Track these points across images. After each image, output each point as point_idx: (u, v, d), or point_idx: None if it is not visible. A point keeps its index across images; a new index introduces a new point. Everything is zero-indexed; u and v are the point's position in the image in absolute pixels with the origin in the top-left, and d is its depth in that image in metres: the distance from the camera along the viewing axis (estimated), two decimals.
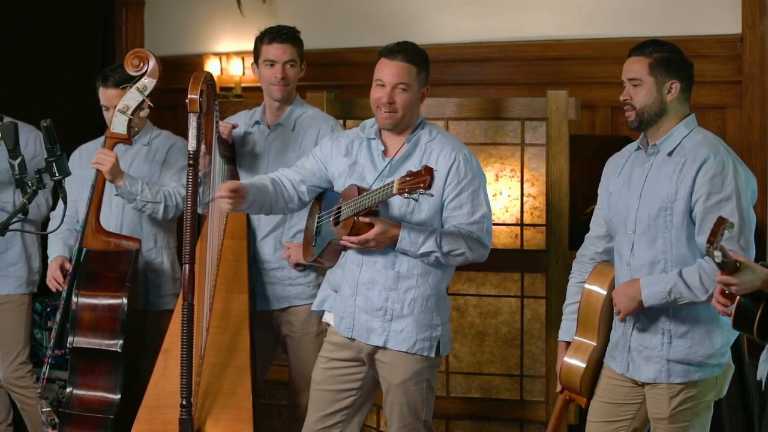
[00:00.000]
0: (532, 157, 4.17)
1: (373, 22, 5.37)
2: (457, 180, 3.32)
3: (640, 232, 3.12)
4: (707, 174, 3.00)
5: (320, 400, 3.47)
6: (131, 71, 3.64)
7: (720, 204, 2.98)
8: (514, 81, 5.02)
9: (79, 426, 3.56)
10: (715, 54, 4.67)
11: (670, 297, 3.01)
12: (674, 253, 3.07)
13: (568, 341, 3.34)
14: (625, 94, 3.13)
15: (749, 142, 4.61)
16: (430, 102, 4.23)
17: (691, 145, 3.08)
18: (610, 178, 3.30)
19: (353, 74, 3.86)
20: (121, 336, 3.56)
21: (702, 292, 2.97)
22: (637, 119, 3.12)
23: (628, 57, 3.15)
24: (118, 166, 3.74)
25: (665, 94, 3.09)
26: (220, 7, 5.83)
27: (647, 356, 3.12)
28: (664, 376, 3.10)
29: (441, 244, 3.28)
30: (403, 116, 3.34)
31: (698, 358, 3.08)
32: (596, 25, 4.88)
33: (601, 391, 3.28)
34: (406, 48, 3.36)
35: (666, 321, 3.10)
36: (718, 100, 4.70)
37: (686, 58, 3.14)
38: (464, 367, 4.32)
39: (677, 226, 3.05)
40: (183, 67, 5.59)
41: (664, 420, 3.12)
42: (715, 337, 3.08)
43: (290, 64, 3.80)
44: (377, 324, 3.36)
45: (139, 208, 3.84)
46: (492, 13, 5.13)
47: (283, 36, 3.80)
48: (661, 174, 3.10)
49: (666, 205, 3.06)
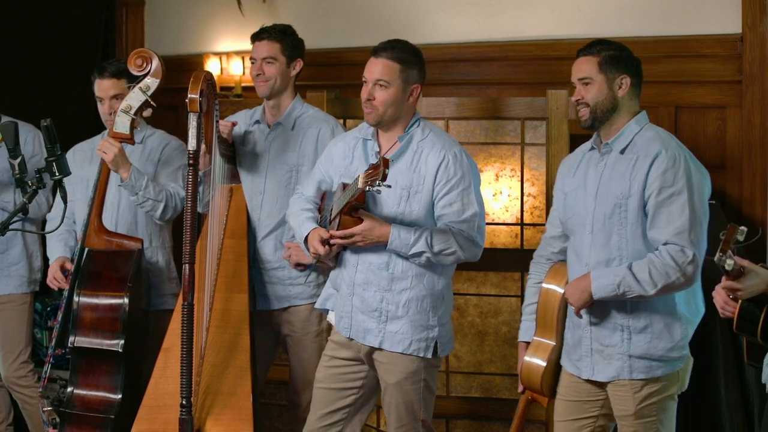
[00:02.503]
0: (532, 157, 4.18)
1: (373, 22, 5.37)
2: (447, 178, 3.32)
3: (597, 231, 3.14)
4: (659, 168, 3.04)
5: (322, 399, 3.47)
6: (134, 71, 3.64)
7: (672, 198, 3.02)
8: (514, 81, 5.01)
9: (79, 425, 3.55)
10: (715, 54, 4.67)
11: (619, 290, 3.03)
12: (629, 249, 3.09)
13: (528, 342, 3.37)
14: (577, 94, 3.18)
15: (749, 142, 4.60)
16: (430, 102, 4.24)
17: (643, 141, 3.12)
18: (565, 179, 3.33)
19: (353, 74, 3.84)
20: (122, 336, 3.56)
21: (650, 285, 3.00)
22: (591, 117, 3.16)
23: (577, 58, 3.20)
24: (124, 156, 3.72)
25: (616, 90, 3.14)
26: (220, 7, 5.82)
27: (608, 355, 3.13)
28: (626, 372, 3.11)
29: (432, 244, 3.28)
30: (384, 112, 3.34)
31: (659, 352, 3.10)
32: (596, 25, 4.87)
33: (563, 389, 3.30)
34: (393, 46, 3.36)
35: (624, 317, 3.11)
36: (718, 100, 4.70)
37: (633, 56, 3.20)
38: (464, 367, 4.32)
39: (632, 223, 3.08)
40: (183, 67, 5.58)
41: (630, 417, 3.13)
42: (674, 330, 3.11)
43: (267, 61, 3.82)
44: (373, 325, 3.36)
45: (140, 203, 3.83)
46: (492, 13, 5.12)
47: (265, 34, 3.84)
48: (614, 172, 3.12)
49: (620, 202, 3.09)
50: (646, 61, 4.72)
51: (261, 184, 3.87)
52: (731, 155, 4.66)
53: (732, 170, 4.66)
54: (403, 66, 3.34)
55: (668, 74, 4.74)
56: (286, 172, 3.84)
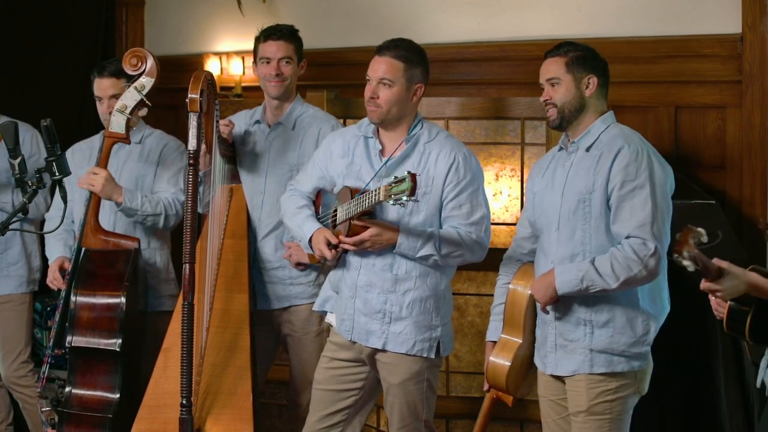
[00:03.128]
0: (532, 157, 4.18)
1: (373, 22, 5.37)
2: (456, 180, 3.32)
3: (562, 228, 3.16)
4: (621, 163, 3.06)
5: (322, 400, 3.47)
6: (129, 70, 3.64)
7: (634, 192, 3.04)
8: (515, 81, 5.01)
9: (77, 425, 3.55)
10: (715, 54, 4.67)
11: (583, 284, 3.05)
12: (593, 243, 3.11)
13: (495, 341, 3.38)
14: (545, 95, 3.21)
15: (749, 142, 4.60)
16: (430, 102, 4.23)
17: (608, 138, 3.15)
18: (534, 180, 3.36)
19: (353, 74, 3.85)
20: (120, 335, 3.55)
21: (613, 279, 3.01)
22: (559, 117, 3.19)
23: (544, 59, 3.23)
24: (112, 182, 3.72)
25: (584, 90, 3.17)
26: (220, 7, 5.82)
27: (572, 350, 3.15)
28: (587, 366, 3.12)
29: (440, 248, 3.28)
30: (388, 111, 3.34)
31: (620, 347, 3.11)
32: (596, 25, 4.88)
33: (542, 389, 3.31)
34: (397, 45, 3.36)
35: (587, 312, 3.13)
36: (718, 100, 4.69)
37: (600, 57, 3.22)
38: (464, 367, 4.32)
39: (595, 217, 3.10)
40: (183, 67, 5.58)
41: (582, 413, 3.14)
42: (636, 325, 3.12)
43: (285, 61, 3.81)
44: (376, 326, 3.36)
45: (140, 221, 3.84)
46: (492, 13, 5.12)
47: (279, 33, 3.82)
48: (579, 169, 3.15)
49: (584, 197, 3.11)
50: (646, 61, 4.78)
51: (261, 184, 3.86)
52: (731, 155, 4.66)
53: (732, 170, 4.65)
54: (407, 65, 3.34)
55: (668, 74, 4.75)
56: (287, 171, 3.84)
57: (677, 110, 4.77)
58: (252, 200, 3.88)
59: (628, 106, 4.67)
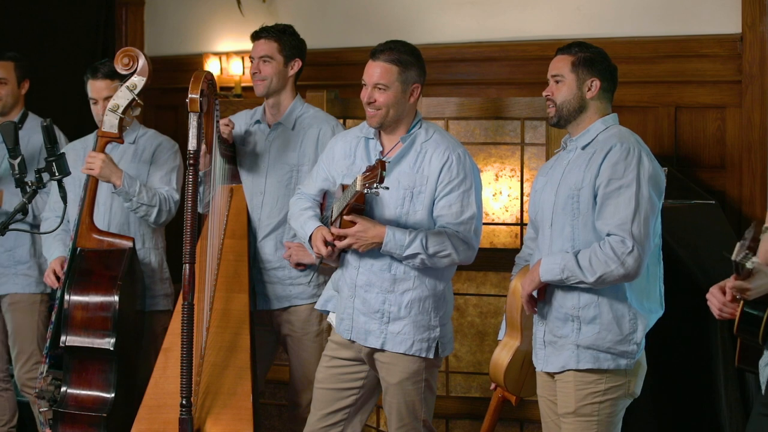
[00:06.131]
0: (532, 157, 4.18)
1: (373, 22, 5.37)
2: (449, 179, 3.33)
3: (555, 224, 3.18)
4: (611, 160, 3.07)
5: (322, 399, 3.47)
6: (121, 70, 3.63)
7: (620, 190, 3.04)
8: (514, 81, 5.01)
9: (72, 424, 3.55)
10: (715, 54, 4.67)
11: (563, 275, 3.06)
12: (581, 239, 3.11)
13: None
14: (548, 90, 3.23)
15: (749, 142, 4.60)
16: (430, 102, 4.23)
17: (605, 138, 3.16)
18: (537, 178, 3.37)
19: (353, 74, 3.84)
20: (113, 334, 3.55)
21: (590, 273, 3.02)
22: (557, 115, 3.21)
23: (555, 56, 3.24)
24: (112, 165, 3.72)
25: (585, 92, 3.18)
26: (220, 7, 5.82)
27: (560, 345, 3.16)
28: (573, 362, 3.12)
29: (427, 246, 3.27)
30: (387, 113, 3.35)
31: (606, 344, 3.10)
32: (596, 25, 4.88)
33: (540, 389, 3.31)
34: (390, 48, 3.36)
35: (575, 308, 3.13)
36: (718, 100, 4.70)
37: (610, 61, 3.23)
38: (464, 367, 4.32)
39: (584, 213, 3.11)
40: (183, 67, 5.59)
41: (570, 414, 3.14)
42: (623, 323, 3.11)
43: (264, 60, 3.82)
44: (375, 326, 3.36)
45: (134, 208, 3.82)
46: (492, 13, 5.12)
47: (263, 33, 3.86)
48: (574, 166, 3.16)
49: (573, 193, 3.12)
50: (646, 61, 4.78)
51: (261, 184, 3.87)
52: (731, 155, 4.66)
53: (732, 170, 4.66)
54: (400, 68, 3.34)
55: (668, 74, 4.75)
56: (287, 172, 3.84)
57: (677, 110, 4.77)
58: (252, 200, 3.88)
59: (628, 106, 4.68)
